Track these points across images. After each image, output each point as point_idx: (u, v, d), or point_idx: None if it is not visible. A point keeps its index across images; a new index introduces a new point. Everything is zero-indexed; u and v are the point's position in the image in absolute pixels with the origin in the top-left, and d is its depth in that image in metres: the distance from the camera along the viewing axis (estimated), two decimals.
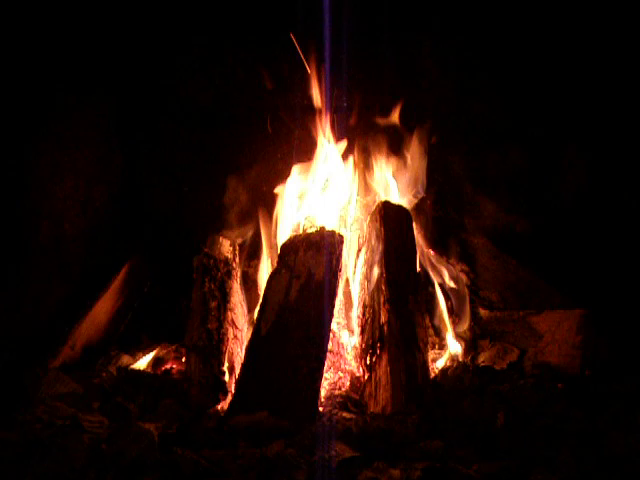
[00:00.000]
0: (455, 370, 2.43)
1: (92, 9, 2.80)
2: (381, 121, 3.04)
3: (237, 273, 2.69)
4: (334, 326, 2.53)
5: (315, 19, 2.88)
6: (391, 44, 3.09)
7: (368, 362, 2.36)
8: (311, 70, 2.98)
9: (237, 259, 2.72)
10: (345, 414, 2.18)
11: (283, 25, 3.01)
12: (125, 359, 2.63)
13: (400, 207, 2.64)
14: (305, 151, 3.00)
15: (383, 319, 2.35)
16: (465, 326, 2.74)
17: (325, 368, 2.32)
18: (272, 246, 2.83)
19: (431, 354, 2.58)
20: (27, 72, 2.47)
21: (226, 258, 2.66)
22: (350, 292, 2.70)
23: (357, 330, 2.56)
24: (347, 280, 2.71)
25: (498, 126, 3.14)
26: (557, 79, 3.07)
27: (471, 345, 2.70)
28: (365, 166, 2.98)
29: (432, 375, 2.41)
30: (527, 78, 3.09)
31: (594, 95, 3.01)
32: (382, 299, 2.38)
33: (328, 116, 2.95)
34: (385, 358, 2.26)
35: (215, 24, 3.14)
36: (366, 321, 2.47)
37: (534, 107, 3.09)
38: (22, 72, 2.45)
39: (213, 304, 2.50)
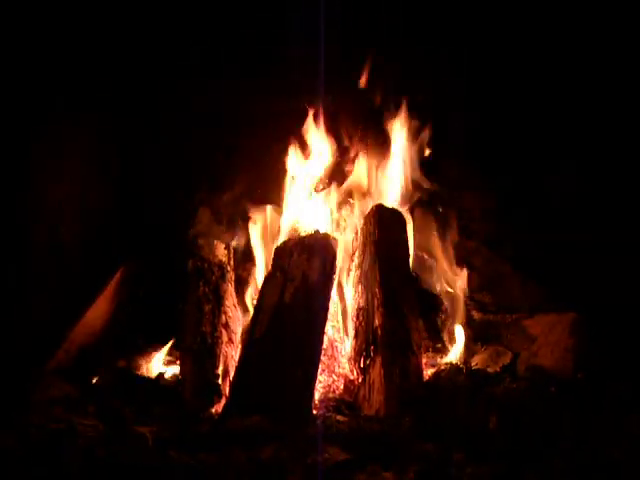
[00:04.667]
0: (449, 373, 2.44)
1: (87, 11, 2.80)
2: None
3: (231, 276, 2.70)
4: (328, 329, 2.54)
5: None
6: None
7: (362, 365, 2.37)
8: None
9: (231, 262, 2.73)
10: (339, 417, 2.18)
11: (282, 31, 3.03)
12: (120, 362, 2.63)
13: (394, 210, 2.65)
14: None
15: (377, 322, 2.36)
16: (459, 329, 2.75)
17: (319, 371, 2.33)
18: (267, 249, 2.84)
19: (425, 357, 2.59)
20: (26, 79, 2.48)
21: (220, 261, 2.67)
22: (344, 295, 2.71)
23: (351, 333, 2.56)
24: (341, 283, 2.71)
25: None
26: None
27: (464, 348, 2.71)
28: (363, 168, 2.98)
29: (426, 378, 2.41)
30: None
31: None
32: (376, 302, 2.39)
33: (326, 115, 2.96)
34: (379, 361, 2.27)
35: (213, 32, 3.14)
36: (360, 324, 2.48)
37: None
38: (21, 79, 2.46)
39: (207, 307, 2.52)
